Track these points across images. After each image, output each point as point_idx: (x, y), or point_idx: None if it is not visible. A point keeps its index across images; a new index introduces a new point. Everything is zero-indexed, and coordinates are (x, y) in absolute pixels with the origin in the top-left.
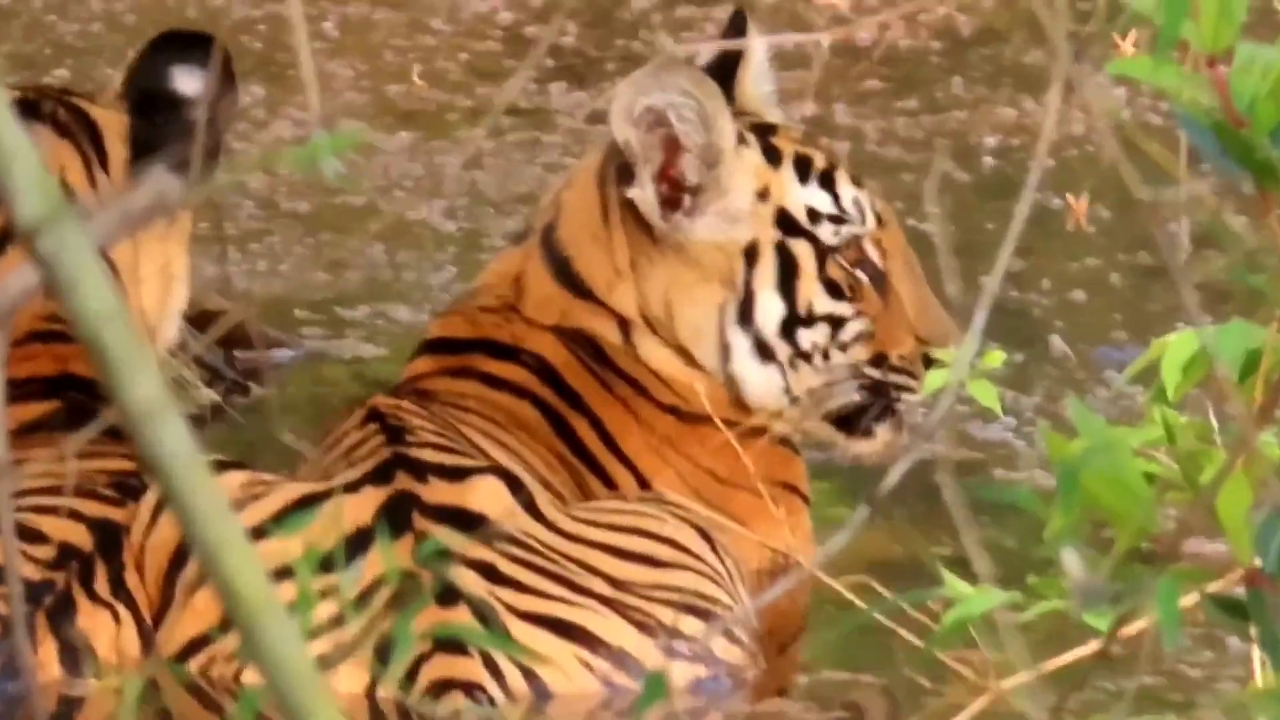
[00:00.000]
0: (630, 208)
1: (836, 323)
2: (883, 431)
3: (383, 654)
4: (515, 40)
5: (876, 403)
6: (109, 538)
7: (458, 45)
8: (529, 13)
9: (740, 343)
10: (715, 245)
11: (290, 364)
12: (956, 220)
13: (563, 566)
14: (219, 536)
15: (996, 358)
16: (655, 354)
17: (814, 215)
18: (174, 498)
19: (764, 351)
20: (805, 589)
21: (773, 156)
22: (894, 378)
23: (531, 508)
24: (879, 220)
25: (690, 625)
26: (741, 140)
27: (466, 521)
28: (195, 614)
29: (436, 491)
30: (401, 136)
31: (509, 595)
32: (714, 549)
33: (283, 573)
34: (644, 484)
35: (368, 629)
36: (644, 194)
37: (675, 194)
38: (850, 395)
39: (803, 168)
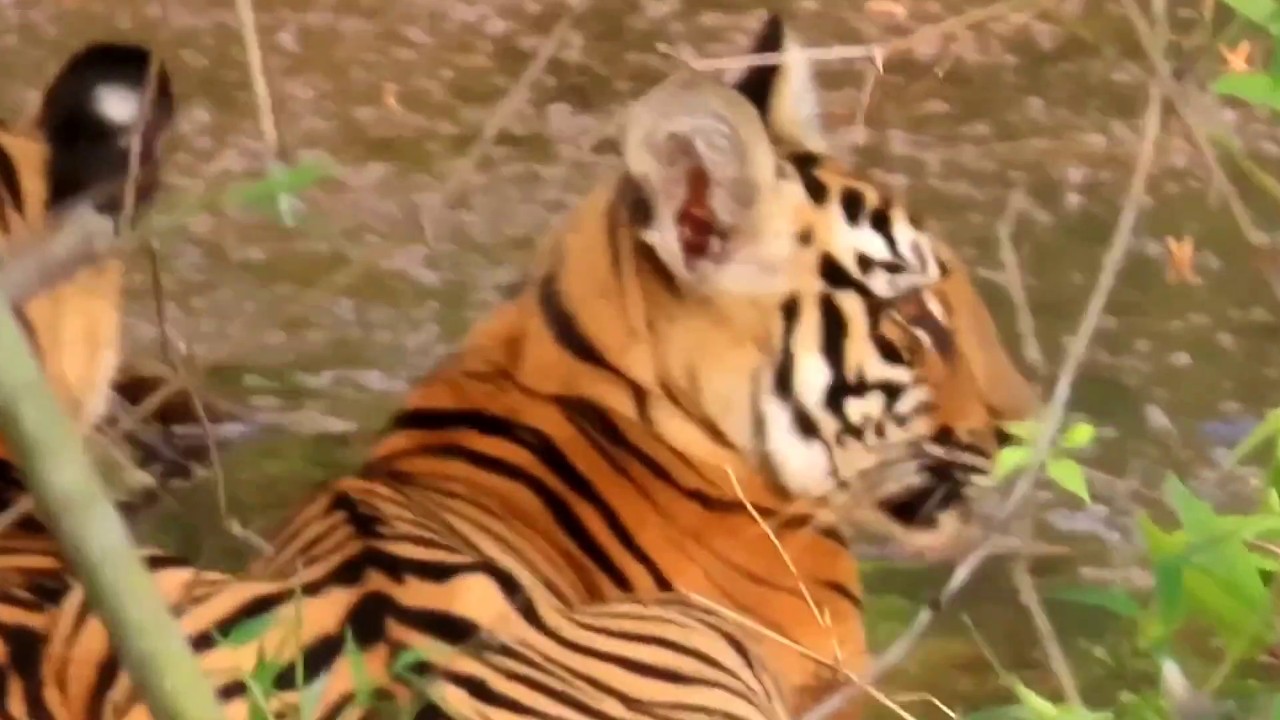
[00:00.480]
0: (647, 255)
1: (893, 391)
2: (948, 521)
3: None
4: (509, 54)
5: (940, 487)
6: (24, 648)
7: (440, 60)
8: (525, 21)
9: (778, 416)
10: (748, 299)
11: (240, 441)
12: (1035, 270)
13: (568, 683)
14: (156, 648)
15: (1084, 434)
16: (676, 429)
17: (865, 263)
18: (102, 601)
19: (806, 426)
20: (857, 709)
21: (817, 192)
22: (961, 456)
23: (529, 612)
24: (943, 269)
25: None
26: (781, 173)
27: (451, 629)
28: None
29: (415, 593)
30: (373, 169)
31: (503, 718)
32: (748, 662)
33: (232, 690)
34: (664, 584)
35: None
36: (664, 238)
37: (701, 238)
38: (909, 478)
39: (852, 206)
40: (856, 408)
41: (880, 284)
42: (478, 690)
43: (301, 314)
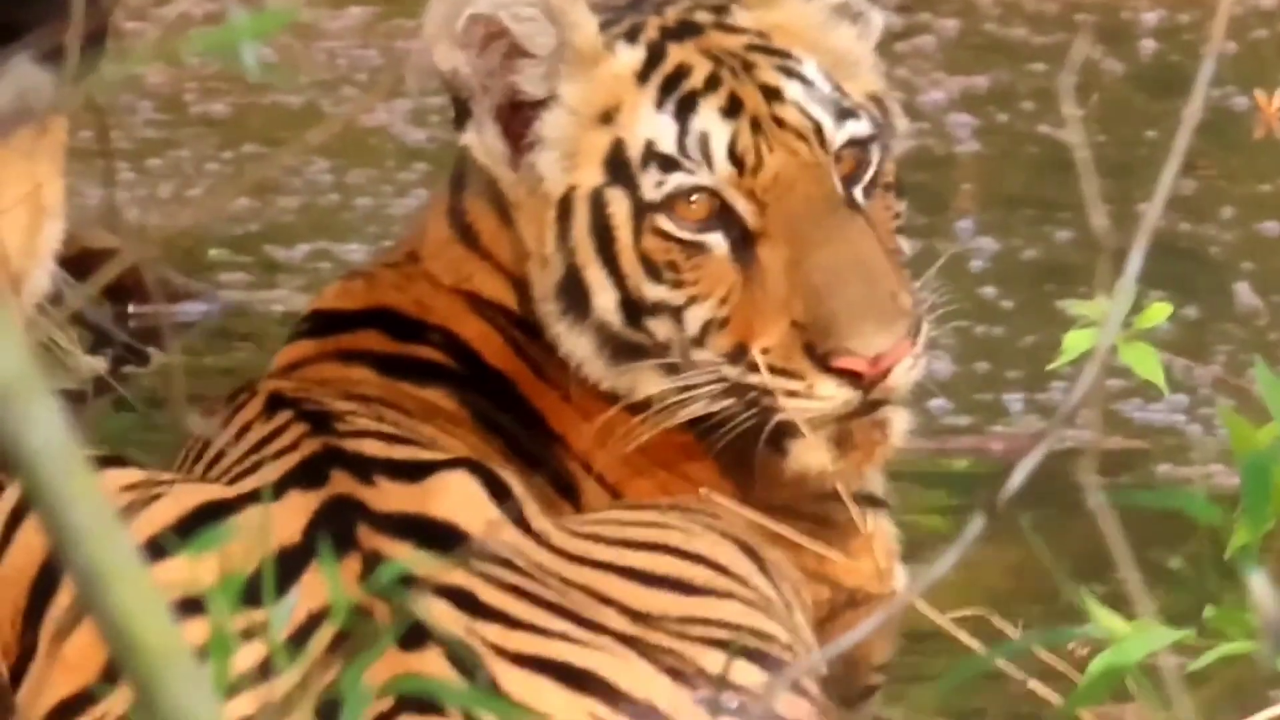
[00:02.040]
0: None
1: (674, 313)
2: (804, 449)
3: (327, 715)
4: None
5: (748, 414)
6: None
7: None
8: None
9: (584, 343)
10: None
11: (203, 322)
12: (1106, 126)
13: (565, 595)
14: (102, 556)
15: (1160, 312)
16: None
17: (648, 155)
18: (41, 503)
19: (622, 350)
20: (891, 625)
21: (648, 66)
22: (751, 377)
23: (517, 516)
24: (740, 164)
25: (740, 672)
26: (619, 41)
27: (430, 534)
28: (68, 666)
29: (387, 495)
30: (352, 13)
31: (495, 633)
32: (761, 568)
33: (189, 606)
34: (615, 495)
35: (306, 682)
36: (482, 137)
37: (523, 127)
38: (713, 402)
39: (670, 84)
40: (655, 326)
41: (649, 183)
42: (467, 603)
43: (271, 178)
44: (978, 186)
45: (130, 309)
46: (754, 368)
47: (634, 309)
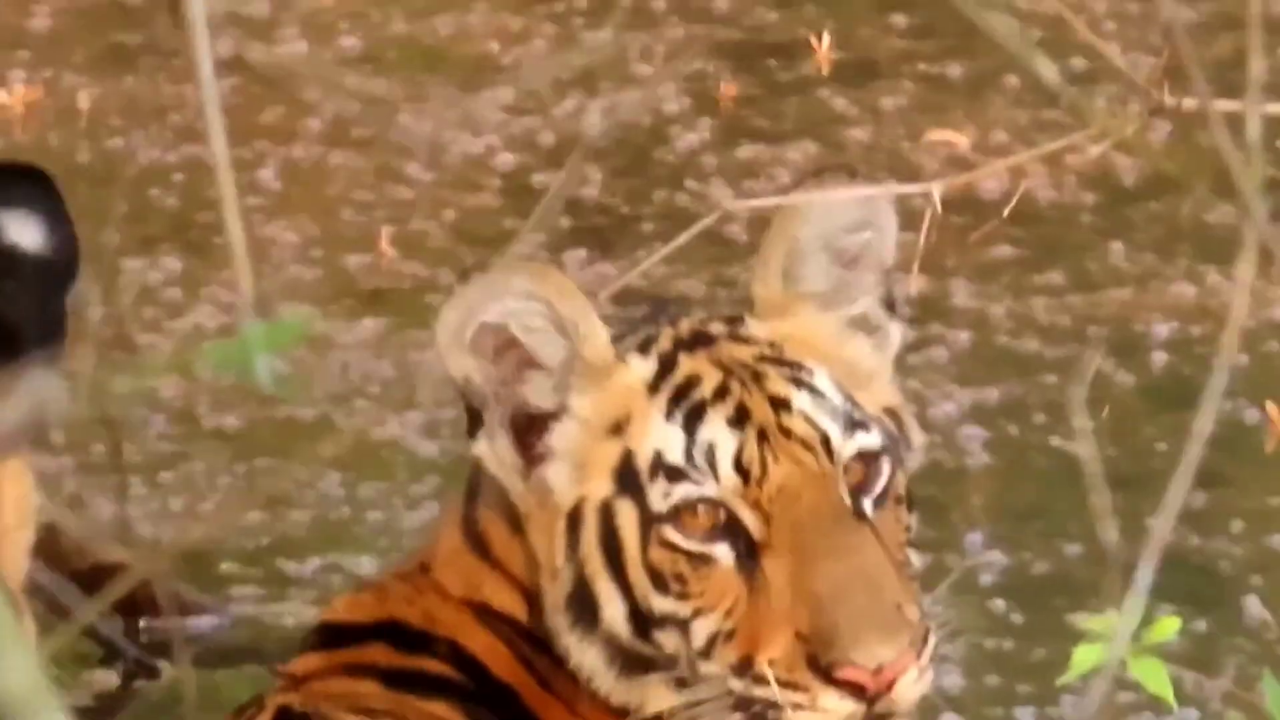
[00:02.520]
0: None
1: (681, 625)
2: None
3: None
4: (517, 192)
5: None
6: None
7: (441, 199)
8: (537, 155)
9: (594, 655)
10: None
11: (215, 636)
12: (1116, 438)
13: None
14: None
15: (1170, 627)
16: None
17: (655, 467)
18: None
19: (633, 663)
20: None
21: (660, 376)
22: (756, 690)
23: None
24: (746, 475)
25: None
26: (641, 349)
27: None
28: None
29: None
30: (365, 325)
31: None
32: None
33: None
34: None
35: None
36: (493, 446)
37: (534, 438)
38: (724, 716)
39: (680, 394)
40: (664, 639)
41: (656, 494)
42: None
43: (283, 491)
44: (988, 500)
45: (141, 623)
46: (759, 680)
47: (642, 621)
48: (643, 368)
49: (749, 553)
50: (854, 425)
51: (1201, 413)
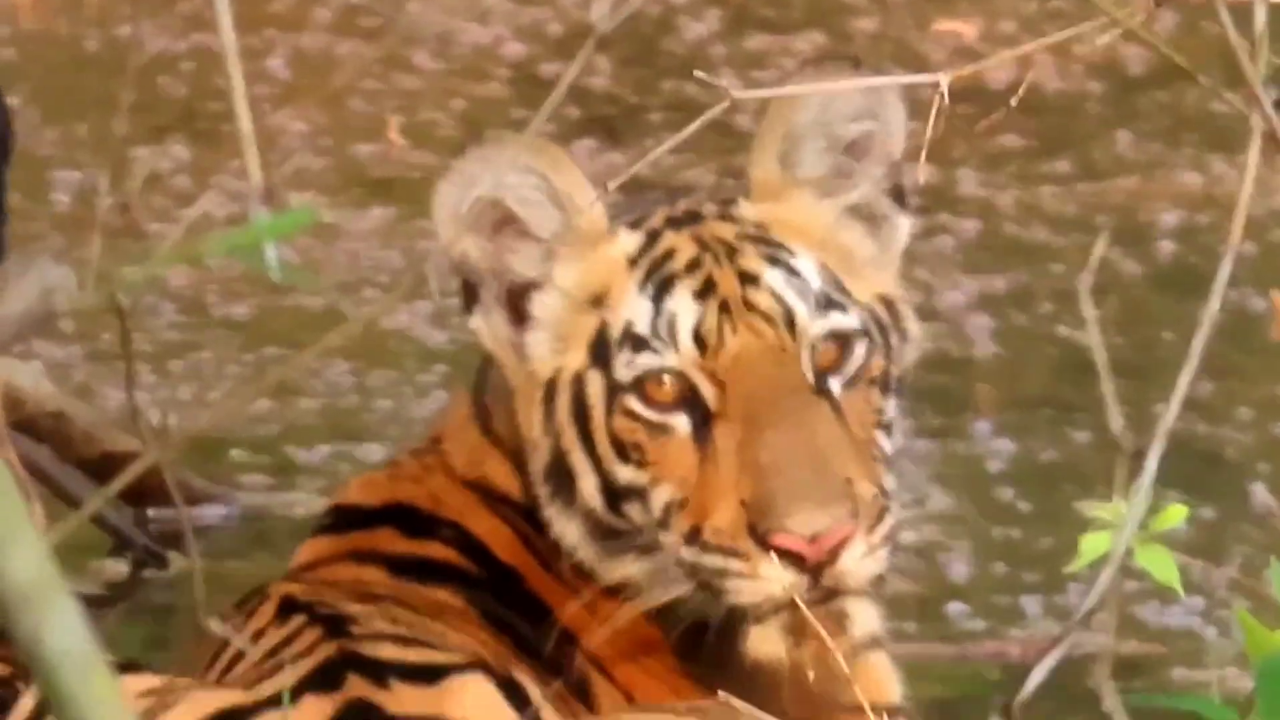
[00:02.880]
0: None
1: (641, 495)
2: (759, 640)
3: None
4: (526, 82)
5: (702, 597)
6: None
7: (449, 89)
8: (546, 44)
9: (573, 528)
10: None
11: (223, 525)
12: (1122, 327)
13: None
14: None
15: (1177, 515)
16: (554, 518)
17: (623, 337)
18: (60, 707)
19: (607, 534)
20: None
21: (642, 250)
22: (706, 559)
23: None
24: (703, 345)
25: None
26: (633, 225)
27: None
28: None
29: (403, 698)
30: (374, 214)
31: None
32: None
33: None
34: (628, 696)
35: None
36: (488, 321)
37: (520, 309)
38: (675, 586)
39: (655, 267)
40: (630, 510)
41: (620, 363)
42: None
43: (292, 380)
44: (996, 388)
45: (150, 512)
46: (706, 548)
47: (612, 493)
48: (629, 242)
49: (704, 423)
50: (829, 306)
51: (1209, 301)
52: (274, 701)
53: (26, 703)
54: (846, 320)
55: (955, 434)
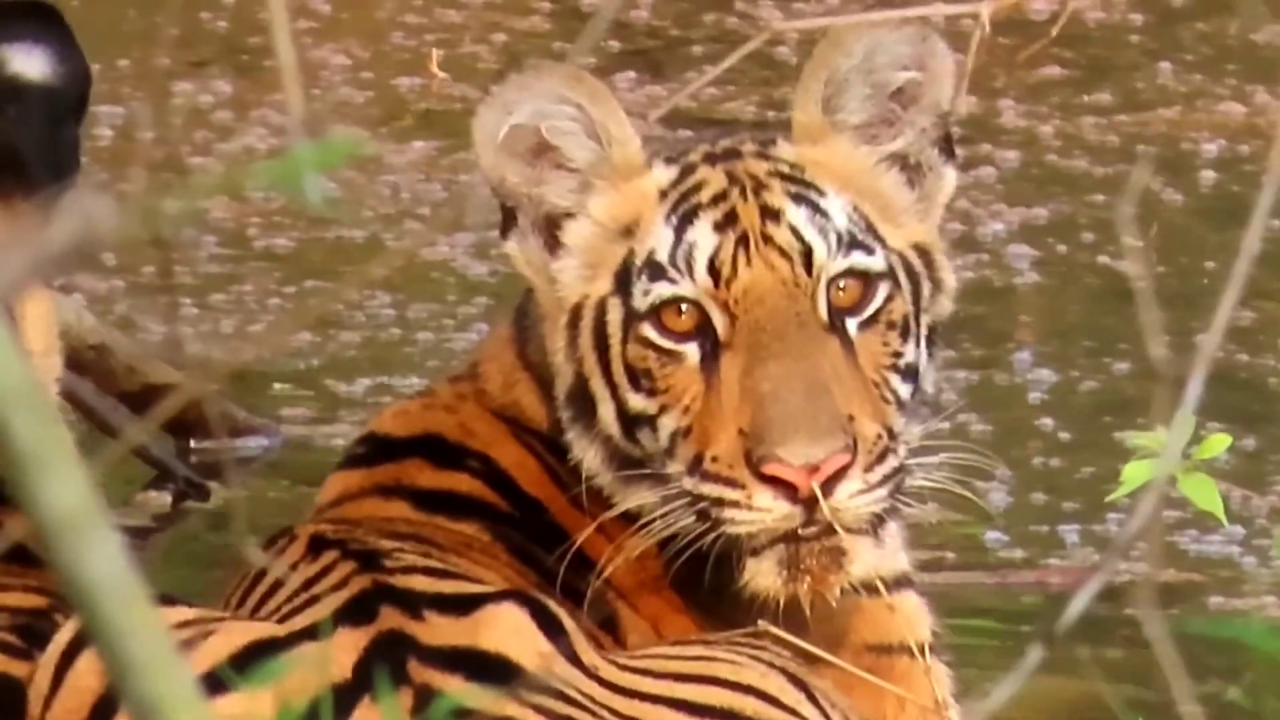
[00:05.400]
0: None
1: (651, 422)
2: (755, 572)
3: None
4: (567, 15)
5: (702, 527)
6: (6, 699)
7: (491, 22)
8: None
9: (593, 453)
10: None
11: (265, 457)
12: (1165, 256)
13: None
14: (162, 690)
15: (1219, 444)
16: (575, 443)
17: (645, 265)
18: (101, 636)
19: (624, 461)
20: None
21: (675, 184)
22: (705, 488)
23: (568, 648)
24: (717, 276)
25: None
26: (670, 160)
27: (481, 666)
28: None
29: (437, 629)
30: (415, 147)
31: None
32: (812, 699)
33: None
34: (657, 630)
35: None
36: (522, 246)
37: (552, 236)
38: (680, 517)
39: (684, 198)
40: (643, 438)
41: (638, 291)
42: None
43: (334, 312)
44: (1037, 318)
45: (192, 444)
46: (705, 477)
47: (626, 419)
48: (663, 175)
49: (713, 353)
50: (853, 246)
51: (1250, 230)
52: (308, 634)
53: (64, 635)
54: (869, 261)
55: (996, 364)
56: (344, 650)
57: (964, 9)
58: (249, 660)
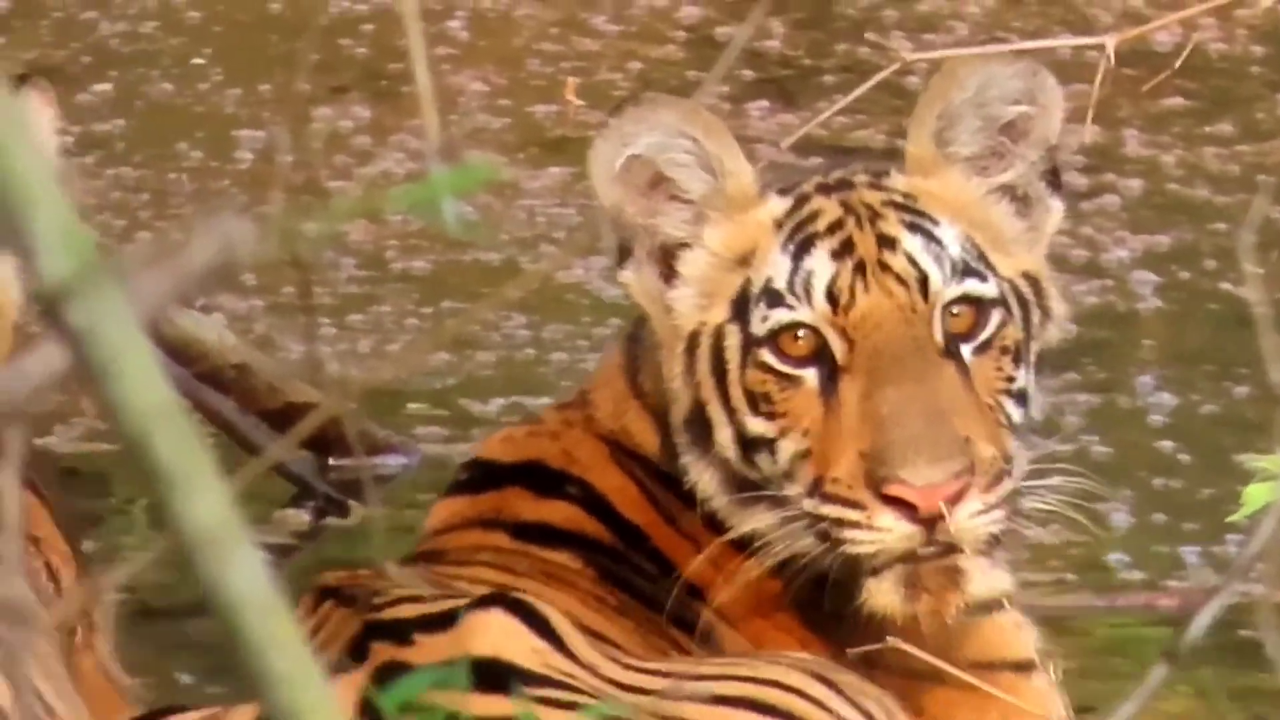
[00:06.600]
0: None
1: (770, 446)
2: (876, 592)
3: None
4: (701, 44)
5: (821, 548)
6: None
7: (626, 51)
8: (721, 8)
9: (709, 477)
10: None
11: (402, 475)
12: None
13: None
14: (302, 700)
15: None
16: (690, 469)
17: (762, 292)
18: (243, 649)
19: (740, 485)
20: None
21: (790, 214)
22: (826, 509)
23: (558, 644)
24: (835, 302)
25: None
26: (784, 191)
27: (479, 673)
28: None
29: (427, 649)
30: (551, 172)
31: None
32: (839, 693)
33: None
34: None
35: None
36: (638, 276)
37: (671, 265)
38: (799, 539)
39: (800, 228)
40: (761, 461)
41: (757, 317)
42: None
43: (470, 333)
44: (1159, 343)
45: (331, 461)
46: (826, 498)
47: (744, 443)
48: (778, 206)
49: (832, 377)
50: (966, 273)
51: None
52: None
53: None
54: (983, 288)
55: (1119, 387)
56: (345, 696)
57: (1090, 41)
58: None
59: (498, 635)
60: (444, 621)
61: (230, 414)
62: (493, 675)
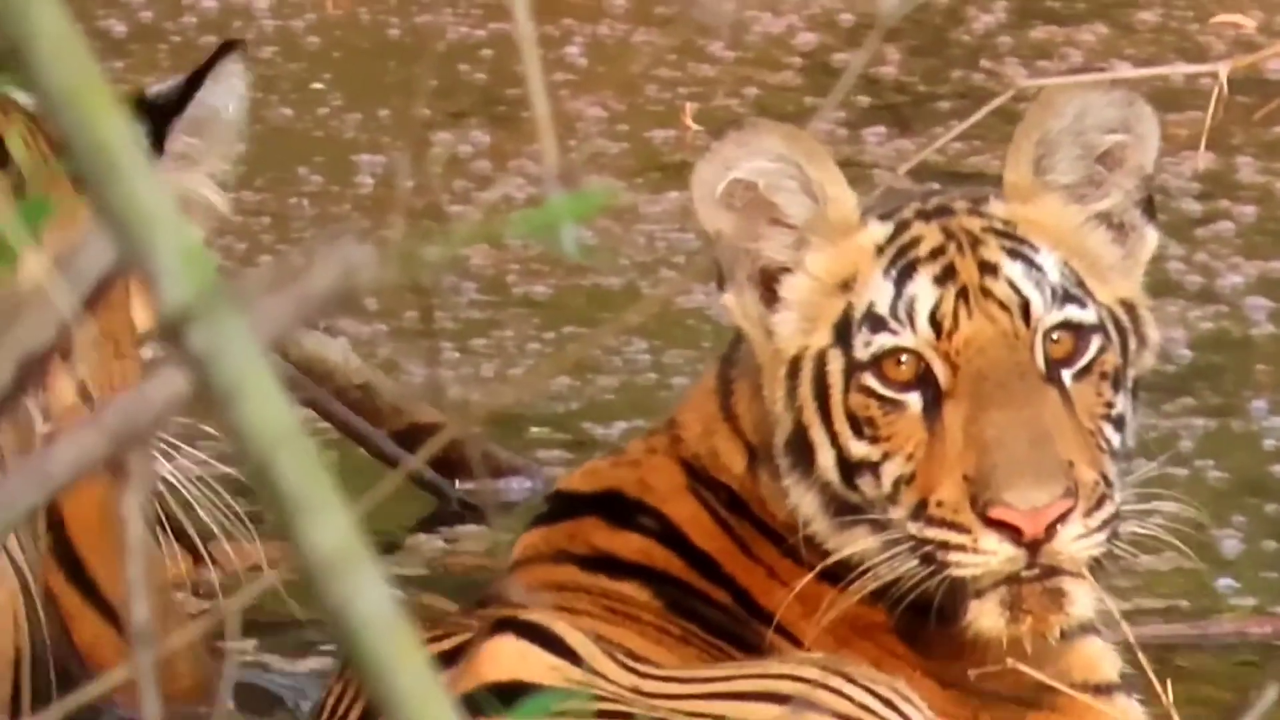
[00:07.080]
0: None
1: (873, 469)
2: (979, 614)
3: None
4: (817, 70)
5: (926, 571)
6: None
7: (743, 76)
8: (837, 34)
9: (810, 499)
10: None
11: (525, 498)
12: None
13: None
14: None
15: None
16: (776, 493)
17: (865, 317)
18: (368, 672)
19: (841, 508)
20: None
21: (891, 240)
22: (930, 532)
23: (575, 659)
24: (939, 328)
25: None
26: (884, 216)
27: (501, 698)
28: None
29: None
30: (670, 197)
31: None
32: (871, 691)
33: None
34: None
35: None
36: (739, 300)
37: (773, 288)
38: (903, 563)
39: (902, 253)
40: (863, 484)
41: (860, 342)
42: None
43: (591, 357)
44: (1273, 368)
45: (456, 484)
46: (931, 521)
47: (846, 467)
48: (879, 231)
49: (935, 401)
50: (1066, 299)
51: None
52: None
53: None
54: (1083, 314)
55: (1233, 412)
56: None
57: (1203, 69)
58: None
59: (513, 659)
60: (457, 656)
61: (363, 427)
62: (516, 697)
